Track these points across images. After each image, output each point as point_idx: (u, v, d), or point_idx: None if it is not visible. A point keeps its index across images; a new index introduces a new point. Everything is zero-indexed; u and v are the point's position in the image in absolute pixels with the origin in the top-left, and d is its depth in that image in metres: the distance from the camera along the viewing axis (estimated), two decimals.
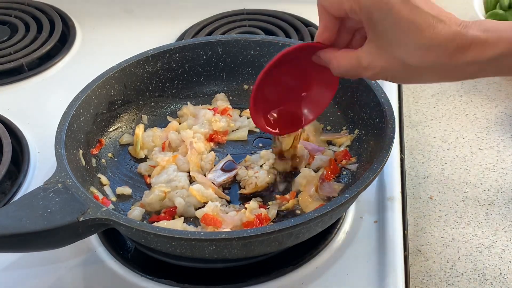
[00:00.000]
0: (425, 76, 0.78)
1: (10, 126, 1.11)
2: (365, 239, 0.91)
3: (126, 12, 1.44)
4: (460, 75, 0.77)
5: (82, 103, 0.97)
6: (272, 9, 1.39)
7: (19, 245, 0.80)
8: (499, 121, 1.15)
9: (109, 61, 1.04)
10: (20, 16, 1.40)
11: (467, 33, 0.72)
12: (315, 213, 0.79)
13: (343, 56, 0.81)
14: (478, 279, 0.90)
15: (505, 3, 1.25)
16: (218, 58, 1.09)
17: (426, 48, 0.73)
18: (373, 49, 0.77)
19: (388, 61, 0.76)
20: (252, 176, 0.96)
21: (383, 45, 0.76)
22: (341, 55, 0.81)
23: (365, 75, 0.80)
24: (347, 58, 0.80)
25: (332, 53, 0.82)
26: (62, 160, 0.87)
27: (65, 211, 0.79)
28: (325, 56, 0.83)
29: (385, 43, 0.76)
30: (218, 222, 0.88)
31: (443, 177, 1.05)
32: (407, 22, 0.73)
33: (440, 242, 0.95)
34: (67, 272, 0.89)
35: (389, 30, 0.74)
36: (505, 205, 1.00)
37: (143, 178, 0.99)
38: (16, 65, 1.26)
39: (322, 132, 1.04)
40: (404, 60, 0.75)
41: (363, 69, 0.79)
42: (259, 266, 0.88)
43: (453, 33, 0.72)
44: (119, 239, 0.92)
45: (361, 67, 0.79)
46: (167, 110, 1.09)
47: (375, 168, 0.84)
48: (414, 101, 1.21)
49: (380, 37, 0.76)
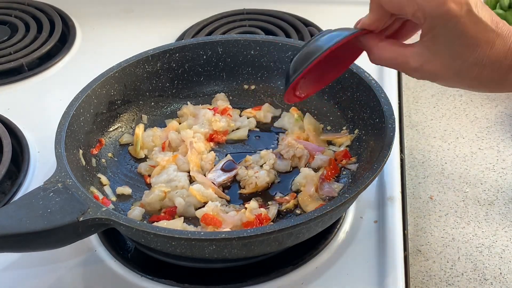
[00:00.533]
0: (475, 88, 0.78)
1: (10, 126, 1.11)
2: (365, 239, 0.91)
3: (126, 12, 1.44)
4: (506, 89, 0.77)
5: (82, 103, 0.97)
6: (272, 9, 1.39)
7: (19, 245, 0.80)
8: (499, 121, 1.15)
9: (109, 61, 1.04)
10: (20, 16, 1.40)
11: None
12: (315, 213, 0.79)
13: (388, 48, 0.78)
14: (478, 279, 0.90)
15: (505, 3, 1.25)
16: (218, 58, 1.09)
17: (483, 65, 0.73)
18: (427, 54, 0.75)
19: (441, 70, 0.75)
20: (252, 176, 0.96)
21: (440, 54, 0.74)
22: (385, 47, 0.78)
23: (410, 75, 0.79)
24: (392, 52, 0.78)
25: (376, 42, 0.79)
26: (62, 160, 0.87)
27: (65, 211, 0.79)
28: (368, 43, 0.80)
29: (442, 53, 0.74)
30: (218, 222, 0.88)
31: (443, 177, 1.05)
32: (470, 38, 0.72)
33: (440, 242, 0.95)
34: (67, 272, 0.89)
35: (450, 42, 0.73)
36: (505, 205, 1.00)
37: (143, 178, 0.99)
38: (16, 65, 1.26)
39: (322, 132, 1.04)
40: (458, 72, 0.74)
41: (410, 69, 0.77)
42: (259, 266, 0.88)
43: (507, 49, 0.72)
44: (119, 239, 0.92)
45: (409, 67, 0.77)
46: (167, 110, 1.09)
47: (375, 168, 0.84)
48: (414, 101, 1.21)
49: (438, 46, 0.74)
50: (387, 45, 0.79)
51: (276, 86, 1.10)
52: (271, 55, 1.08)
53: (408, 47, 0.77)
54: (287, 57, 1.07)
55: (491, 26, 0.72)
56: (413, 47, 0.77)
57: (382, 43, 0.79)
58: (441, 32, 0.73)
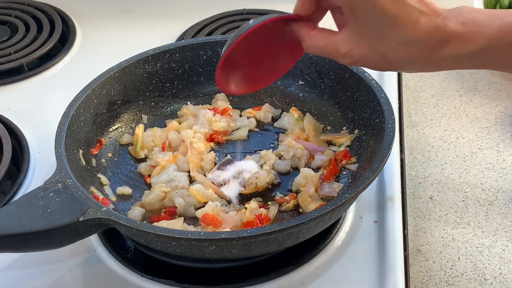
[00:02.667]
0: (403, 68, 0.77)
1: (10, 126, 1.11)
2: (365, 239, 0.91)
3: (126, 12, 1.44)
4: (437, 68, 0.77)
5: (82, 103, 0.97)
6: (272, 9, 1.39)
7: (19, 245, 0.80)
8: (499, 121, 1.15)
9: (109, 61, 1.04)
10: (20, 16, 1.40)
11: (446, 27, 0.71)
12: (315, 213, 0.79)
13: (319, 37, 0.78)
14: (478, 279, 0.90)
15: (505, 3, 1.25)
16: (218, 58, 1.09)
17: (408, 44, 0.72)
18: (353, 38, 0.75)
19: (368, 52, 0.75)
20: (252, 176, 0.96)
21: (364, 37, 0.74)
22: (317, 35, 0.79)
23: (341, 61, 0.78)
24: (323, 40, 0.78)
25: (308, 31, 0.79)
26: (62, 160, 0.87)
27: (65, 211, 0.79)
28: (300, 32, 0.80)
29: (366, 35, 0.74)
30: (218, 222, 0.88)
31: (443, 177, 1.05)
32: (391, 17, 0.71)
33: (440, 242, 0.95)
34: (67, 272, 0.89)
35: (372, 23, 0.73)
36: (505, 205, 1.00)
37: (143, 178, 0.99)
38: (16, 65, 1.26)
39: (322, 132, 1.04)
40: (385, 53, 0.74)
41: (341, 55, 0.77)
42: (259, 266, 0.88)
43: (433, 27, 0.71)
44: (119, 239, 0.92)
45: (339, 54, 0.77)
46: (167, 110, 1.09)
47: (375, 168, 0.84)
48: (414, 101, 1.21)
49: (362, 28, 0.74)
50: (318, 33, 0.79)
51: (276, 86, 1.10)
52: None
53: (337, 34, 0.77)
54: None
55: (413, 5, 0.71)
56: (341, 32, 0.76)
57: (313, 32, 0.79)
58: (362, 14, 0.73)
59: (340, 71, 1.02)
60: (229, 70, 0.86)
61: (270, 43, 0.85)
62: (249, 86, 0.90)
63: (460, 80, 1.24)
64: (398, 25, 0.72)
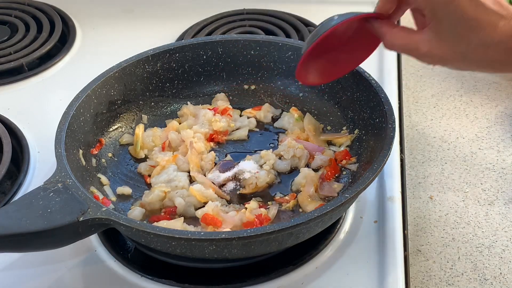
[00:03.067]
0: (481, 69, 0.81)
1: (10, 126, 1.11)
2: (365, 239, 0.91)
3: (126, 12, 1.44)
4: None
5: (82, 103, 0.97)
6: (272, 9, 1.39)
7: (19, 245, 0.80)
8: (499, 121, 1.15)
9: (109, 61, 1.04)
10: (20, 16, 1.40)
11: None
12: (315, 213, 0.79)
13: (400, 35, 0.82)
14: (478, 279, 0.90)
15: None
16: (218, 58, 1.09)
17: (487, 46, 0.75)
18: (434, 39, 0.78)
19: (448, 53, 0.78)
20: (252, 176, 0.96)
21: (445, 38, 0.77)
22: (398, 33, 0.82)
23: (421, 60, 0.82)
24: (403, 38, 0.81)
25: (389, 28, 0.83)
26: (62, 160, 0.87)
27: (65, 211, 0.79)
28: (381, 29, 0.84)
29: (447, 37, 0.77)
30: (218, 222, 0.88)
31: (443, 177, 1.05)
32: (471, 20, 0.74)
33: (440, 242, 0.95)
34: (67, 272, 0.89)
35: (452, 26, 0.76)
36: (505, 205, 1.00)
37: (143, 178, 0.99)
38: (16, 65, 1.26)
39: (322, 132, 1.04)
40: (464, 54, 0.77)
41: (421, 54, 0.80)
42: (259, 266, 0.88)
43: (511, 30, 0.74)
44: (119, 239, 0.92)
45: (419, 53, 0.80)
46: (167, 110, 1.09)
47: (375, 168, 0.84)
48: (414, 101, 1.21)
49: (443, 30, 0.77)
50: (399, 31, 0.82)
51: (276, 86, 1.10)
52: (271, 55, 1.08)
53: (417, 33, 0.80)
54: (287, 57, 1.07)
55: (492, 8, 0.74)
56: (422, 33, 0.79)
57: (394, 29, 0.83)
58: (443, 17, 0.76)
59: None
60: (308, 64, 0.91)
61: (347, 38, 0.90)
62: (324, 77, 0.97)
63: (460, 80, 1.24)
64: (478, 28, 0.74)
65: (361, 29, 0.87)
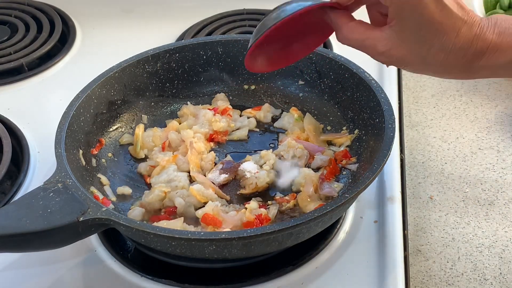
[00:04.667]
0: (439, 73, 0.78)
1: (10, 126, 1.11)
2: (365, 239, 0.91)
3: (126, 12, 1.44)
4: (473, 76, 0.78)
5: (82, 103, 0.97)
6: None
7: (19, 245, 0.80)
8: (499, 121, 1.15)
9: (109, 61, 1.04)
10: (20, 16, 1.40)
11: (484, 37, 0.73)
12: (315, 213, 0.79)
13: (358, 30, 0.78)
14: (478, 279, 0.90)
15: (505, 3, 1.25)
16: (218, 58, 1.09)
17: (448, 51, 0.73)
18: (394, 39, 0.75)
19: (407, 55, 0.75)
20: (252, 176, 0.96)
21: (407, 39, 0.75)
22: (355, 27, 0.78)
23: (377, 59, 0.78)
24: (361, 34, 0.77)
25: (346, 20, 0.79)
26: (62, 160, 0.87)
27: (65, 211, 0.79)
28: (337, 21, 0.79)
29: (409, 38, 0.74)
30: (218, 222, 0.88)
31: (443, 177, 1.05)
32: (436, 24, 0.72)
33: (440, 242, 0.95)
34: (67, 272, 0.89)
35: (416, 28, 0.73)
36: (505, 205, 1.00)
37: (143, 178, 0.99)
38: (16, 65, 1.26)
39: (322, 132, 1.04)
40: (424, 58, 0.75)
41: (378, 53, 0.77)
42: (259, 266, 0.88)
43: (472, 36, 0.73)
44: (119, 239, 0.92)
45: (376, 51, 0.77)
46: (167, 110, 1.09)
47: (375, 168, 0.84)
48: (414, 101, 1.21)
49: (405, 31, 0.74)
50: (357, 25, 0.78)
51: (276, 86, 1.10)
52: None
53: (376, 30, 0.77)
54: None
55: (457, 13, 0.72)
56: (382, 30, 0.76)
57: (351, 23, 0.78)
58: (408, 17, 0.73)
59: (340, 71, 1.02)
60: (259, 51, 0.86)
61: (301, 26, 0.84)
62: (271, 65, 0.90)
63: (460, 80, 1.24)
64: (442, 32, 0.73)
65: (317, 17, 0.82)
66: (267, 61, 0.89)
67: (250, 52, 0.85)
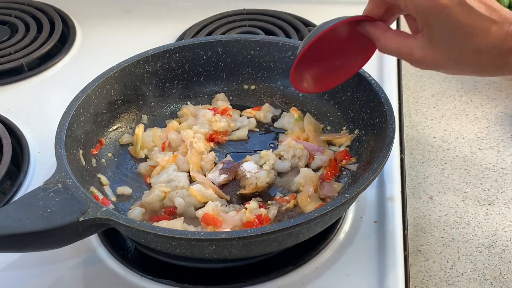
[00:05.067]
0: (476, 73, 0.81)
1: (10, 126, 1.11)
2: (365, 239, 0.91)
3: (126, 12, 1.44)
4: (507, 73, 0.79)
5: (82, 103, 0.97)
6: (272, 9, 1.39)
7: (19, 245, 0.80)
8: (499, 121, 1.15)
9: (109, 61, 1.04)
10: (20, 16, 1.40)
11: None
12: (315, 213, 0.79)
13: (394, 39, 0.81)
14: (478, 279, 0.90)
15: (505, 3, 1.25)
16: (218, 58, 1.09)
17: (480, 51, 0.75)
18: (427, 45, 0.78)
19: (442, 59, 0.78)
20: (252, 176, 0.96)
21: (438, 44, 0.77)
22: (391, 37, 0.82)
23: (414, 65, 0.81)
24: (397, 43, 0.81)
25: (382, 31, 0.83)
26: (62, 160, 0.87)
27: (65, 211, 0.79)
28: (374, 32, 0.83)
29: (440, 43, 0.76)
30: (218, 222, 0.88)
31: (443, 177, 1.05)
32: (464, 27, 0.74)
33: (440, 242, 0.95)
34: (67, 272, 0.89)
35: (445, 33, 0.75)
36: (505, 205, 1.00)
37: (143, 178, 0.99)
38: (16, 65, 1.26)
39: (322, 132, 1.04)
40: (458, 60, 0.77)
41: (414, 60, 0.80)
42: (259, 266, 0.88)
43: (504, 34, 0.74)
44: (119, 239, 0.92)
45: (413, 58, 0.80)
46: (167, 110, 1.09)
47: (375, 168, 0.84)
48: (414, 101, 1.21)
49: (436, 37, 0.76)
50: (393, 35, 0.82)
51: (276, 86, 1.10)
52: (271, 55, 1.08)
53: (411, 39, 0.80)
54: (287, 57, 1.07)
55: (484, 14, 0.74)
56: (416, 38, 0.79)
57: (388, 33, 0.82)
58: (435, 23, 0.76)
59: None
60: (303, 70, 0.91)
61: (342, 43, 0.89)
62: (322, 85, 0.96)
63: (460, 80, 1.24)
64: (471, 34, 0.74)
65: (356, 34, 0.86)
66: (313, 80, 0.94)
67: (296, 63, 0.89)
